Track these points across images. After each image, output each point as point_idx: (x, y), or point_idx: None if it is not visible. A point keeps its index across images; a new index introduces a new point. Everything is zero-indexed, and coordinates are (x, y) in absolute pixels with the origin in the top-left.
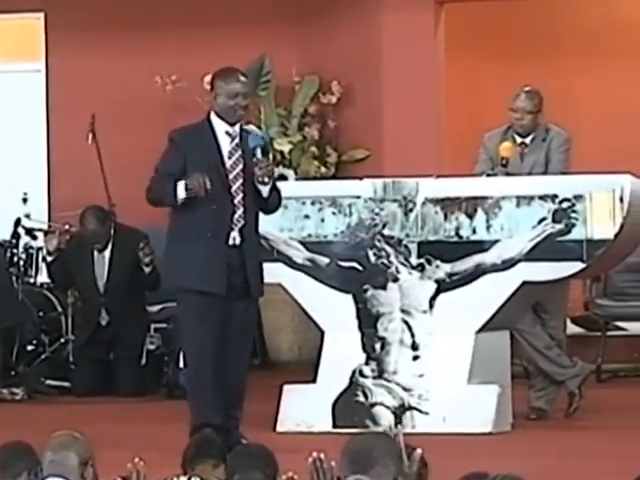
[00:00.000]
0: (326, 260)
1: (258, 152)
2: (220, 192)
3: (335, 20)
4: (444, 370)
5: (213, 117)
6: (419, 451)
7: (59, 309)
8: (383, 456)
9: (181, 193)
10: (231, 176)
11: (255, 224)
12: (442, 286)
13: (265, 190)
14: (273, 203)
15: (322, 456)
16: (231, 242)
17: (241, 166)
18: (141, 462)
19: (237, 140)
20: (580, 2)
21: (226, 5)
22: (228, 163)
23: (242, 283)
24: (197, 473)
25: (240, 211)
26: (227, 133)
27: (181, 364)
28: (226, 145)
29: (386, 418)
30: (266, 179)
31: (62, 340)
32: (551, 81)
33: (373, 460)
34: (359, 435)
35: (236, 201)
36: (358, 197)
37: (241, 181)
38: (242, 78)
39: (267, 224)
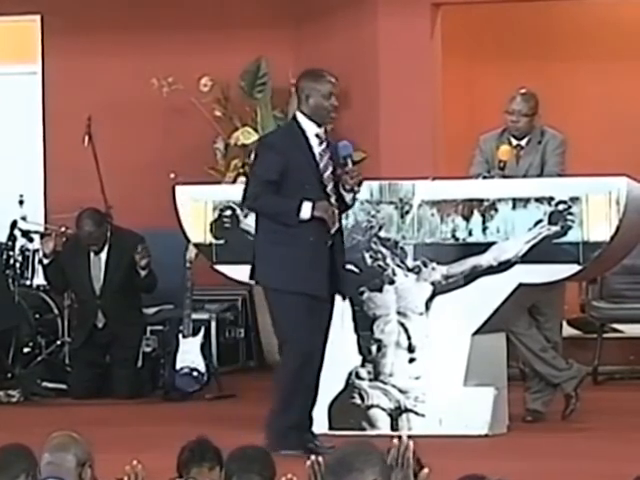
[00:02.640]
0: None
1: (349, 161)
2: (317, 195)
3: (332, 22)
4: (440, 372)
5: (302, 119)
6: (426, 471)
7: (55, 311)
8: (363, 464)
9: (306, 214)
10: (324, 178)
11: (341, 226)
12: (438, 288)
13: (349, 197)
14: (351, 205)
15: (320, 459)
16: (329, 244)
17: (331, 168)
18: (139, 465)
19: (326, 142)
20: (576, 5)
21: (223, 7)
22: (320, 165)
23: (333, 284)
24: (193, 476)
25: (335, 213)
26: (317, 135)
27: (177, 366)
28: (316, 147)
29: (382, 420)
30: (356, 187)
31: (58, 342)
32: (547, 83)
33: (351, 468)
34: (341, 446)
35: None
36: None
37: (332, 183)
38: (332, 79)
39: None
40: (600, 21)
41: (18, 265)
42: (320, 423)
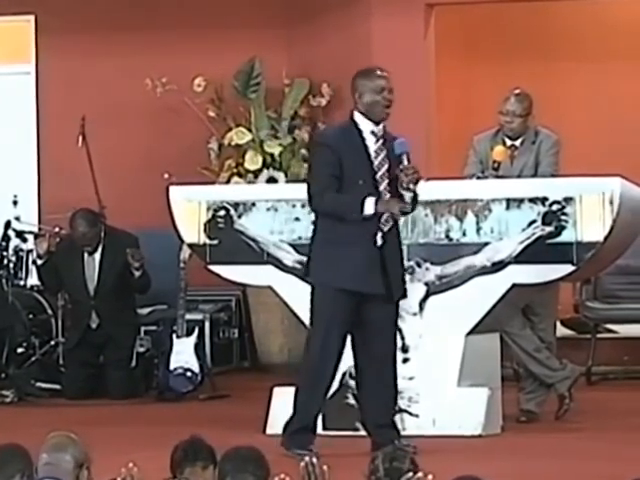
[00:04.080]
0: None
1: (404, 159)
2: (370, 193)
3: (325, 22)
4: (434, 372)
5: (358, 117)
6: (430, 477)
7: (49, 312)
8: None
9: (369, 209)
10: (378, 176)
11: (396, 227)
12: (432, 288)
13: (407, 196)
14: (413, 208)
15: (314, 460)
16: (379, 243)
17: (387, 166)
18: (135, 467)
19: (382, 140)
20: (570, 6)
21: (217, 8)
22: (375, 163)
23: (383, 285)
24: (186, 476)
25: (388, 212)
26: (372, 133)
27: (171, 366)
28: (372, 145)
29: None
30: (411, 185)
31: (52, 343)
32: (541, 84)
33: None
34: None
35: None
36: None
37: (387, 181)
38: (384, 73)
39: (257, 227)
40: (594, 21)
41: (12, 265)
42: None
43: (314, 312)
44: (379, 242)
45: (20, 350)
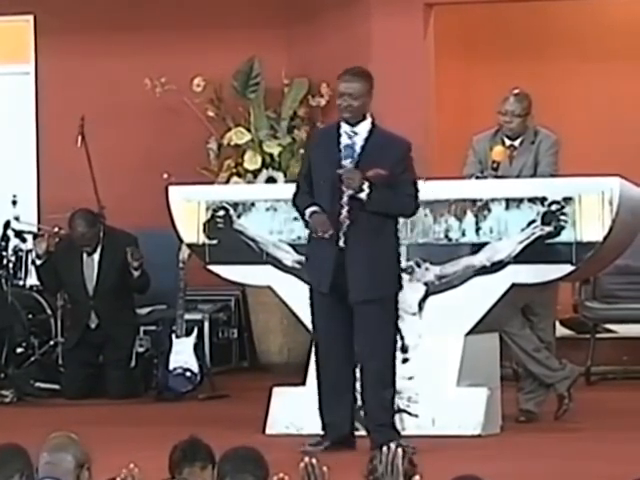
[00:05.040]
0: None
1: (347, 162)
2: (330, 191)
3: (324, 22)
4: (433, 372)
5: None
6: (417, 478)
7: (48, 312)
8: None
9: (307, 216)
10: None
11: (370, 227)
12: (431, 288)
13: (361, 195)
14: (374, 207)
15: (314, 461)
16: (341, 244)
17: (352, 167)
18: (136, 468)
19: (352, 140)
20: (569, 6)
21: (216, 7)
22: (344, 163)
23: (345, 286)
24: (185, 477)
25: (344, 211)
26: (346, 133)
27: (170, 366)
28: (343, 145)
29: None
30: (351, 191)
31: (52, 343)
32: (540, 84)
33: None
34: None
35: (342, 201)
36: None
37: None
38: (347, 77)
39: (256, 226)
40: (594, 21)
41: (11, 265)
42: (313, 424)
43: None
44: (341, 242)
45: (19, 350)
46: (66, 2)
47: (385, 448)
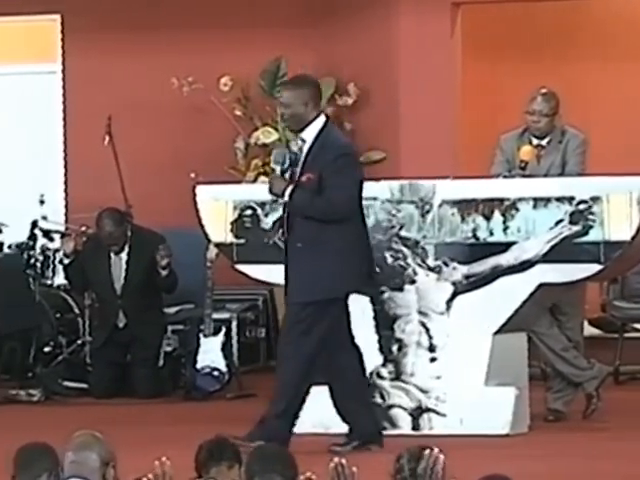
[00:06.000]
0: None
1: (277, 168)
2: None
3: (351, 22)
4: (461, 372)
5: None
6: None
7: (76, 311)
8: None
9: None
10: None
11: (305, 233)
12: (459, 288)
13: (284, 199)
14: (295, 211)
15: (344, 461)
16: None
17: (290, 172)
18: (168, 461)
19: (299, 147)
20: (596, 4)
21: (243, 7)
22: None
23: (286, 285)
24: (212, 476)
25: (285, 215)
26: (294, 140)
27: (198, 365)
28: (292, 152)
29: (403, 420)
30: (272, 197)
31: (79, 342)
32: (568, 83)
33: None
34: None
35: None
36: (375, 199)
37: (292, 186)
38: (283, 87)
39: None
40: (621, 20)
41: (39, 265)
42: (341, 423)
43: None
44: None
45: (47, 349)
46: (93, 1)
47: (427, 452)
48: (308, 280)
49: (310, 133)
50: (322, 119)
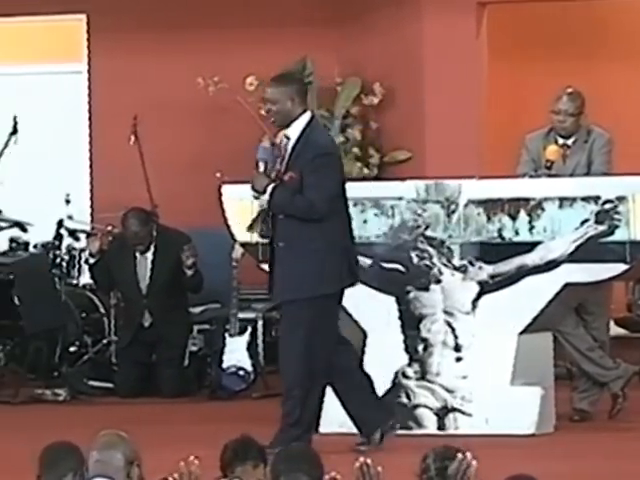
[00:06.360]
0: (369, 262)
1: (261, 164)
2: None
3: (377, 21)
4: (487, 372)
5: None
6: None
7: (102, 310)
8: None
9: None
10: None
11: (287, 231)
12: (485, 287)
13: (264, 197)
14: (274, 209)
15: (369, 461)
16: (274, 245)
17: (278, 166)
18: (195, 460)
19: (283, 144)
20: (623, 3)
21: (269, 7)
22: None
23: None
24: (237, 475)
25: (270, 213)
26: (281, 137)
27: (224, 365)
28: (276, 148)
29: (429, 420)
30: (254, 194)
31: (105, 341)
32: (594, 82)
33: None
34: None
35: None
36: (400, 198)
37: (274, 184)
38: (271, 83)
39: None
40: None
41: (64, 264)
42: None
43: None
44: (274, 244)
45: (73, 349)
46: (119, 1)
47: (460, 455)
48: (289, 279)
49: (295, 130)
50: (307, 116)
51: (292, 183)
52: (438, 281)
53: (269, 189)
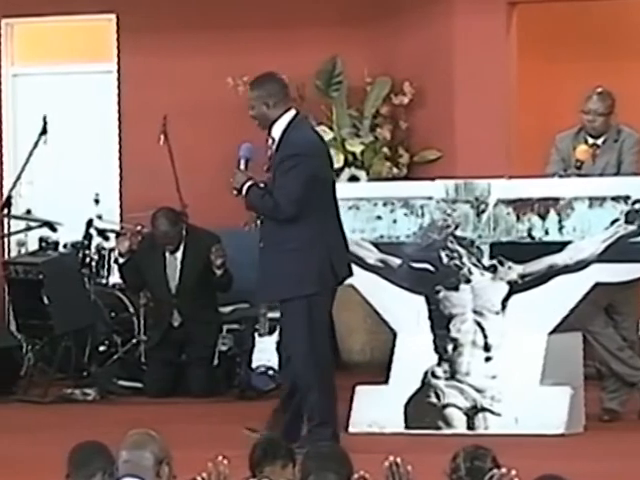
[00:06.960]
0: (398, 261)
1: (242, 163)
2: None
3: (406, 21)
4: (516, 371)
5: None
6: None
7: (131, 310)
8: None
9: None
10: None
11: (267, 230)
12: (514, 287)
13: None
14: (250, 208)
15: (399, 460)
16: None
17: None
18: (224, 460)
19: (270, 145)
20: None
21: (298, 6)
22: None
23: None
24: (266, 475)
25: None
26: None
27: (253, 365)
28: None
29: (458, 419)
30: (234, 192)
31: (134, 341)
32: (623, 82)
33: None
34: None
35: None
36: (430, 198)
37: (250, 182)
38: (248, 87)
39: None
40: None
41: (94, 264)
42: (396, 422)
43: None
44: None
45: (102, 348)
46: (149, 1)
47: (497, 471)
48: (269, 280)
49: (277, 131)
50: (289, 115)
51: (270, 184)
52: (468, 281)
53: (245, 187)
